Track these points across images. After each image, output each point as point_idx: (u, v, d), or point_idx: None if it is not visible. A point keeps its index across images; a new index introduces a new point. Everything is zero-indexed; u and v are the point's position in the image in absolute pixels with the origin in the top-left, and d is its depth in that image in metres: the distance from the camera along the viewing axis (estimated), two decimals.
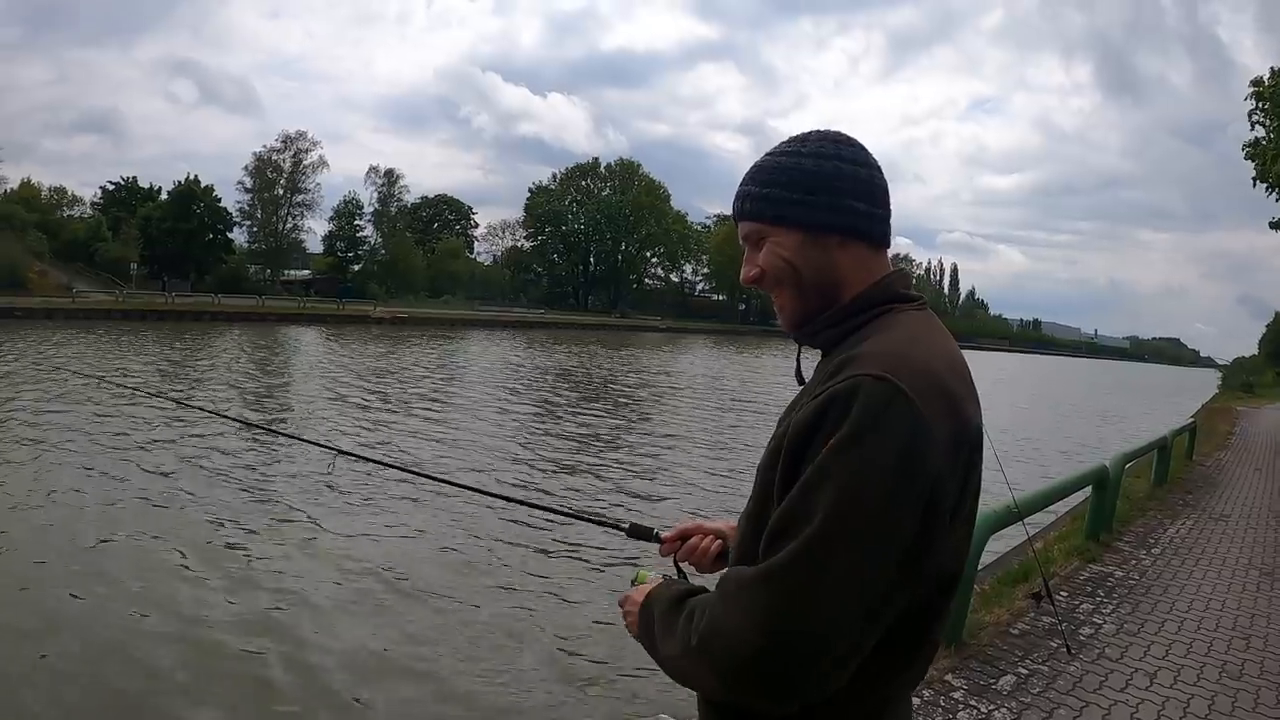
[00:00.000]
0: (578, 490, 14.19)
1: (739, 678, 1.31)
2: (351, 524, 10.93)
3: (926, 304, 1.63)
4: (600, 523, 2.47)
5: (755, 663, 1.29)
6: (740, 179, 1.67)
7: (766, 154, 1.67)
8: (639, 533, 2.20)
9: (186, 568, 9.05)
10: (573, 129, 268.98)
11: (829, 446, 1.31)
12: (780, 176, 1.60)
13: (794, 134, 1.67)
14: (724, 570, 1.43)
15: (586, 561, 10.10)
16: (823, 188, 1.57)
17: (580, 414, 24.08)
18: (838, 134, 1.65)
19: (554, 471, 15.55)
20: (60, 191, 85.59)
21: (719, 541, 2.01)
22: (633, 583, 1.85)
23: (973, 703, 4.95)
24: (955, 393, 1.42)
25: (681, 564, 2.03)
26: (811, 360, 1.70)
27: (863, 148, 1.63)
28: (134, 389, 16.16)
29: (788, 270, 1.60)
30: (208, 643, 7.33)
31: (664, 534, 2.10)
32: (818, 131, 1.65)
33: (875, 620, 1.34)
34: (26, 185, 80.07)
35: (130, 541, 9.75)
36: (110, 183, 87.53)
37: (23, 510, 10.59)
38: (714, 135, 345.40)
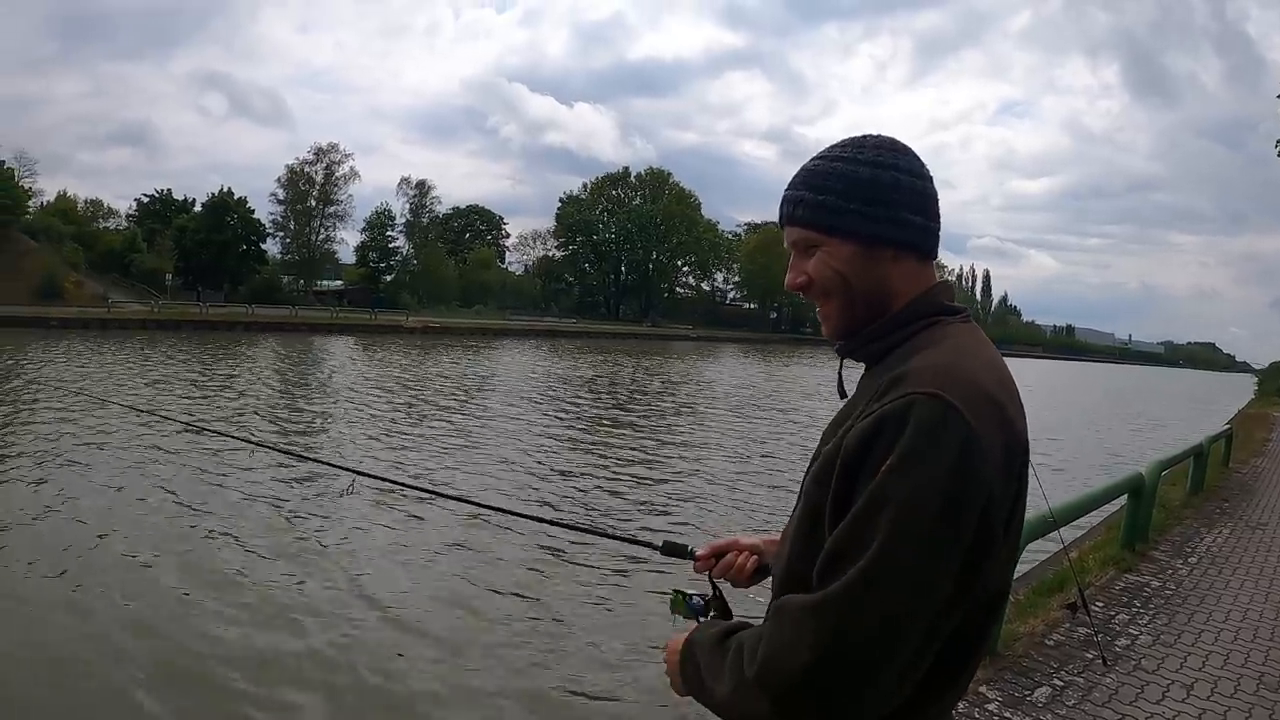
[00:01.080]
0: (607, 504, 14.12)
1: (795, 703, 1.31)
2: (371, 544, 10.94)
3: (971, 316, 1.61)
4: (633, 541, 2.43)
5: (811, 688, 1.28)
6: (781, 184, 1.62)
7: (818, 157, 1.63)
8: (673, 550, 2.14)
9: (187, 590, 9.08)
10: (600, 138, 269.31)
11: (885, 468, 1.30)
12: (836, 183, 1.56)
13: (846, 138, 1.63)
14: (778, 599, 1.39)
15: (618, 581, 10.05)
16: (880, 199, 1.54)
17: (608, 426, 23.99)
18: (894, 141, 1.62)
19: (583, 486, 15.41)
20: (96, 204, 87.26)
21: (755, 558, 1.99)
22: (670, 606, 1.90)
23: (1008, 715, 4.93)
24: (1005, 406, 1.40)
25: (717, 580, 1.99)
26: (852, 372, 1.68)
27: (918, 157, 1.61)
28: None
29: (838, 281, 1.57)
30: (202, 662, 7.31)
31: (698, 551, 2.06)
32: (874, 137, 1.61)
33: (930, 641, 1.33)
34: (63, 198, 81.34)
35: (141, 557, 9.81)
36: (145, 195, 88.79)
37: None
38: (743, 143, 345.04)
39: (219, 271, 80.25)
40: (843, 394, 1.68)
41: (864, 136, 1.62)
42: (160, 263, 74.97)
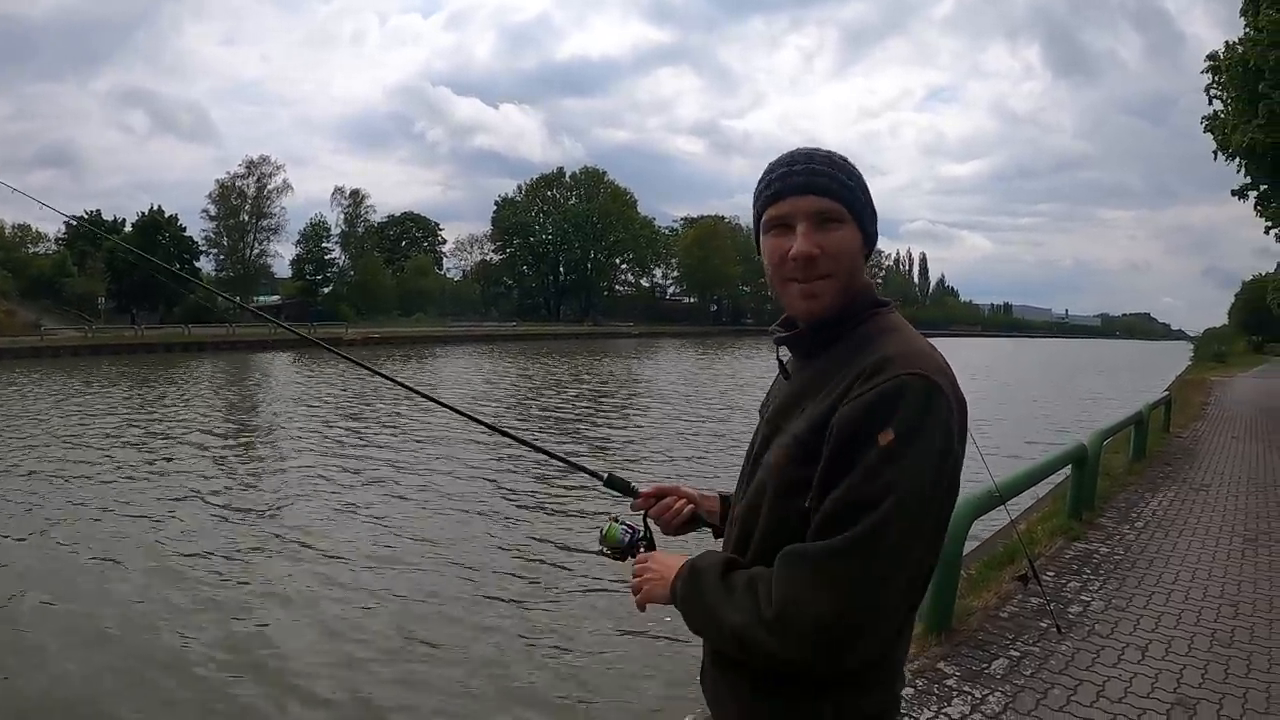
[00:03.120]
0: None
1: (817, 644, 1.43)
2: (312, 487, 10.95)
3: (896, 306, 1.74)
4: (580, 468, 2.47)
5: (834, 630, 1.42)
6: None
7: (821, 150, 1.71)
8: (616, 484, 2.24)
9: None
10: (529, 139, 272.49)
11: (889, 439, 1.43)
12: (859, 179, 1.69)
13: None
14: (790, 547, 1.50)
15: (557, 509, 11.42)
16: (873, 206, 1.72)
17: (552, 423, 24.01)
18: None
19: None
20: (24, 228, 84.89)
21: (691, 506, 2.13)
22: (602, 535, 2.08)
23: (966, 689, 4.92)
24: (956, 380, 1.56)
25: (651, 520, 2.12)
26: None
27: None
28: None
29: (846, 264, 1.65)
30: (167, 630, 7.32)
31: (641, 489, 2.18)
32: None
33: (918, 590, 1.54)
34: None
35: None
36: (74, 217, 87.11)
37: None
38: (675, 139, 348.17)
39: (153, 292, 79.02)
40: (786, 375, 1.82)
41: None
42: (92, 286, 73.76)
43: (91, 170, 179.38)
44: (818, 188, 1.63)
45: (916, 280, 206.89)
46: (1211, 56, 22.44)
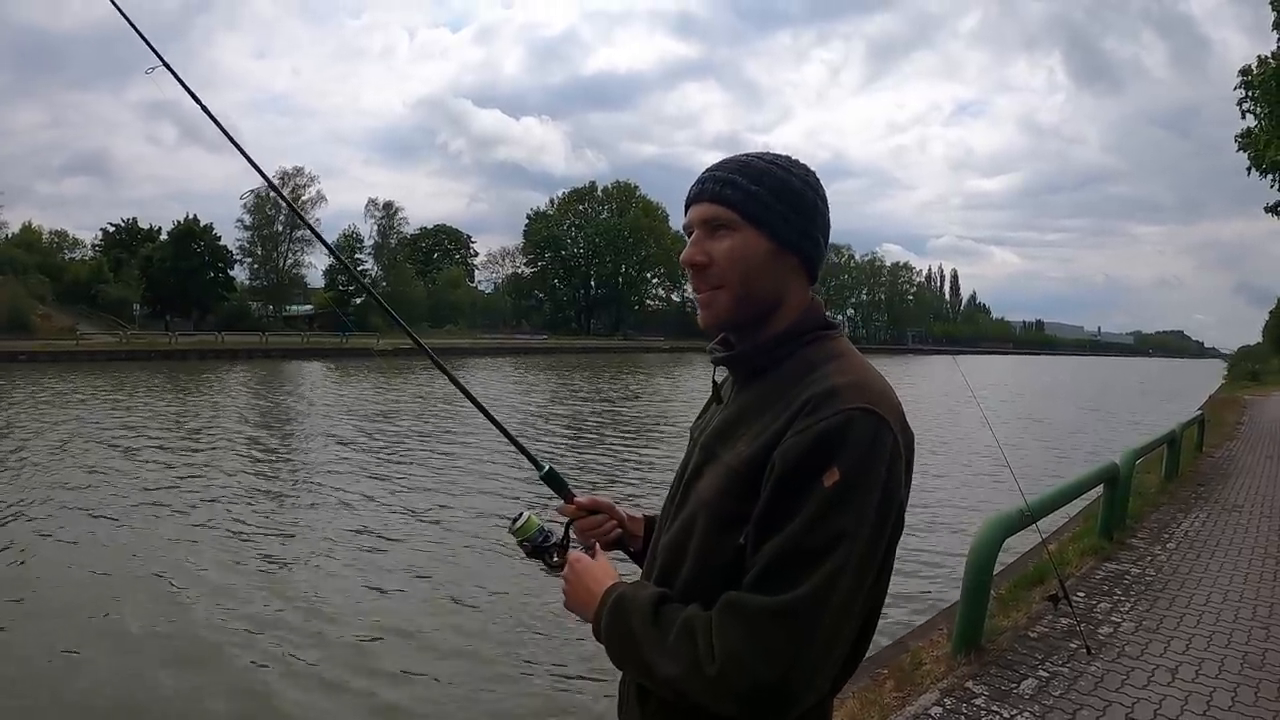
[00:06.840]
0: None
1: (757, 705, 1.38)
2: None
3: (844, 331, 1.69)
4: (525, 452, 2.28)
5: (776, 692, 1.36)
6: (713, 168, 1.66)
7: (752, 156, 1.66)
8: (553, 480, 2.14)
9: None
10: (551, 152, 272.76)
11: (833, 481, 1.38)
12: (771, 182, 1.60)
13: (773, 153, 1.69)
14: (732, 596, 1.43)
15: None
16: (803, 212, 1.61)
17: (573, 444, 24.01)
18: (813, 172, 1.68)
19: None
20: (61, 234, 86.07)
21: (619, 531, 2.06)
22: (516, 524, 1.99)
23: (995, 708, 4.92)
24: (903, 412, 1.52)
25: (573, 532, 2.04)
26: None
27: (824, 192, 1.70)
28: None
29: (740, 271, 1.60)
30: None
31: (578, 497, 2.09)
32: (801, 162, 1.68)
33: (856, 635, 1.52)
34: (28, 229, 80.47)
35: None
36: (110, 224, 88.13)
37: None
38: (703, 154, 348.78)
39: (187, 299, 79.74)
40: (719, 400, 1.79)
41: (792, 159, 1.68)
42: (127, 292, 74.46)
43: (125, 179, 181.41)
44: (707, 194, 1.62)
45: (948, 297, 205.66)
46: (1244, 71, 22.23)
